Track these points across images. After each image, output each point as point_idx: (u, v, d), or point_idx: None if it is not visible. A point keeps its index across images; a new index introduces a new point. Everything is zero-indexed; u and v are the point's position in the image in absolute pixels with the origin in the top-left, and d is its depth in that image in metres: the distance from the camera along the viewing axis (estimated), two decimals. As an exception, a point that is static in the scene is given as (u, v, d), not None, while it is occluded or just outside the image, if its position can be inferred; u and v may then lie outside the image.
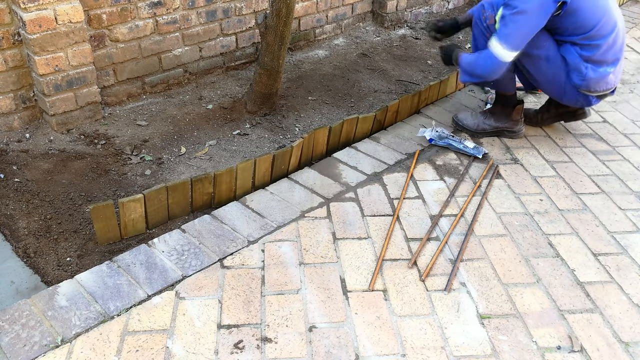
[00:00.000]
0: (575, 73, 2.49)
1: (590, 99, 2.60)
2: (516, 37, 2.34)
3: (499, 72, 2.48)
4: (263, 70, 2.83)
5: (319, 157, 2.63)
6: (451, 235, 2.15)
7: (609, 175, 2.58)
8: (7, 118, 2.68)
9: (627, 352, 1.71)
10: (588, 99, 2.59)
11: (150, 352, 1.63)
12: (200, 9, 3.10)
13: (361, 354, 1.66)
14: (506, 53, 2.38)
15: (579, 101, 2.62)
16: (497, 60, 2.41)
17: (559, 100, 2.69)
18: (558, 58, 2.50)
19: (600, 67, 2.47)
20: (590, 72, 2.46)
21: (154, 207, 2.11)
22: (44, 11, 2.43)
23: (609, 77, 2.49)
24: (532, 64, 2.55)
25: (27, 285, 1.93)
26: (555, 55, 2.50)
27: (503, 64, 2.43)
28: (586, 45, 2.42)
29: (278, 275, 1.91)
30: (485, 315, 1.81)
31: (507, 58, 2.40)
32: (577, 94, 2.57)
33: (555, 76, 2.55)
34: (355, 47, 3.91)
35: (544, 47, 2.48)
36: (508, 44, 2.35)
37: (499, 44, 2.37)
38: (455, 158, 2.64)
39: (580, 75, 2.48)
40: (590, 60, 2.45)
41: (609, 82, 2.52)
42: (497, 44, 2.38)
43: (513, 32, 2.33)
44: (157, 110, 3.00)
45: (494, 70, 2.46)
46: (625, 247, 2.14)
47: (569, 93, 2.58)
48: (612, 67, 2.48)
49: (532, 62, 2.54)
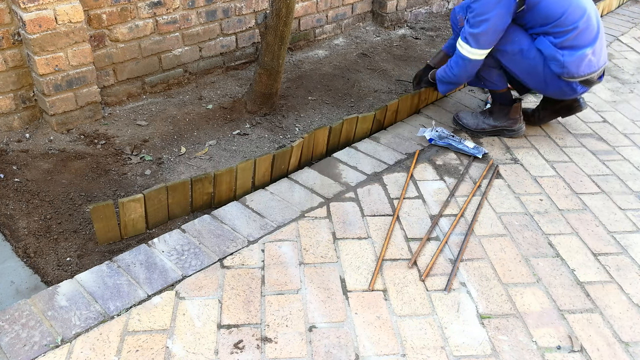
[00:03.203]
0: (553, 62, 2.49)
1: (575, 87, 2.57)
2: (480, 36, 2.45)
3: (469, 71, 2.59)
4: (263, 70, 2.83)
5: (319, 157, 2.63)
6: (451, 235, 2.15)
7: (609, 175, 2.58)
8: (7, 118, 2.68)
9: (627, 352, 1.71)
10: (572, 86, 2.56)
11: (150, 352, 1.63)
12: (200, 9, 3.10)
13: (361, 354, 1.66)
14: (473, 51, 2.49)
15: (563, 90, 2.60)
16: (464, 59, 2.54)
17: (544, 92, 2.70)
18: (533, 50, 2.52)
19: (577, 51, 2.45)
20: (567, 57, 2.45)
21: (154, 207, 2.11)
22: (43, 11, 2.43)
23: (588, 57, 2.47)
24: (509, 59, 2.58)
25: (27, 285, 1.93)
26: (529, 47, 2.52)
27: (471, 62, 2.54)
28: (558, 32, 2.43)
29: (278, 275, 1.91)
30: (485, 315, 1.81)
31: (474, 56, 2.51)
32: (560, 83, 2.56)
33: (533, 68, 2.56)
34: (355, 47, 3.91)
35: (516, 41, 2.52)
36: (473, 43, 2.47)
37: (464, 43, 2.51)
38: (455, 158, 2.64)
39: (558, 63, 2.47)
40: (564, 47, 2.45)
41: (592, 64, 2.50)
42: (462, 42, 2.52)
43: (476, 32, 2.44)
44: (157, 110, 3.00)
45: (465, 69, 2.58)
46: (625, 247, 2.14)
47: (551, 83, 2.58)
48: (589, 47, 2.46)
49: (509, 58, 2.57)
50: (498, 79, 2.71)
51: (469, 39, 2.48)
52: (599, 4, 4.50)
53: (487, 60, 2.61)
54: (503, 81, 2.73)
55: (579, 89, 2.58)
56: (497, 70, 2.67)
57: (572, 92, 2.60)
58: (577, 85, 2.56)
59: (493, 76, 2.69)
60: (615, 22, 4.59)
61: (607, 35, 4.26)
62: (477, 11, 2.42)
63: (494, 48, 2.55)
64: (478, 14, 2.42)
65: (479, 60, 2.55)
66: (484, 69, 2.66)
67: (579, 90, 2.60)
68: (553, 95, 2.69)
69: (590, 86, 2.62)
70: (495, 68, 2.66)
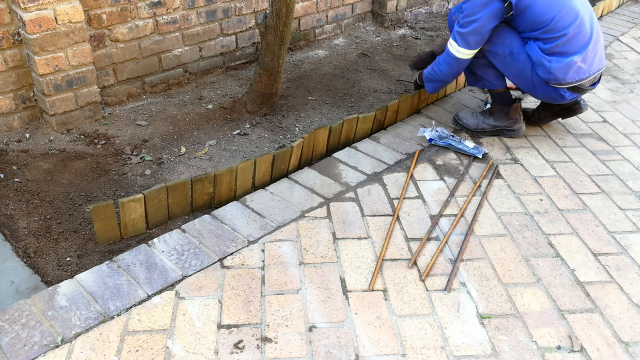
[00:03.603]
0: (540, 68, 2.49)
1: (562, 93, 2.56)
2: (467, 36, 2.50)
3: (456, 70, 2.64)
4: (263, 70, 2.83)
5: (319, 157, 2.63)
6: (451, 235, 2.15)
7: (609, 175, 2.58)
8: (7, 118, 2.68)
9: (627, 352, 1.71)
10: (559, 92, 2.56)
11: (150, 352, 1.63)
12: (200, 9, 3.10)
13: (361, 354, 1.66)
14: (461, 50, 2.54)
15: (551, 96, 2.60)
16: (452, 57, 2.60)
17: (533, 95, 2.70)
18: (522, 54, 2.53)
19: (566, 57, 2.44)
20: (554, 63, 2.45)
21: (154, 207, 2.11)
22: (43, 11, 2.43)
23: (577, 65, 2.46)
24: (499, 61, 2.61)
25: (27, 285, 1.93)
26: (519, 51, 2.53)
27: (458, 60, 2.59)
28: (547, 38, 2.44)
29: (278, 275, 1.91)
30: (485, 315, 1.81)
31: (461, 55, 2.56)
32: (547, 88, 2.56)
33: (522, 71, 2.57)
34: (355, 47, 3.91)
35: (506, 44, 2.54)
36: (461, 42, 2.53)
37: (454, 42, 2.56)
38: (455, 158, 2.64)
39: (544, 68, 2.47)
40: (552, 53, 2.45)
41: (580, 72, 2.48)
42: (452, 41, 2.58)
43: (464, 32, 2.50)
44: (157, 110, 3.00)
45: (451, 67, 2.63)
46: (625, 247, 2.14)
47: (539, 88, 2.58)
48: (578, 55, 2.44)
49: (499, 59, 2.60)
50: (495, 79, 2.72)
51: (457, 38, 2.53)
52: (599, 4, 4.49)
53: (481, 60, 2.65)
54: (501, 80, 2.73)
55: (567, 95, 2.57)
56: (493, 69, 2.68)
57: (560, 98, 2.60)
58: (564, 91, 2.55)
59: (490, 76, 2.71)
60: (615, 22, 4.58)
61: (607, 35, 4.26)
62: (466, 12, 2.48)
63: (485, 49, 2.58)
64: (467, 14, 2.47)
65: (466, 60, 2.59)
66: (481, 67, 2.68)
67: (568, 97, 2.59)
68: (542, 99, 2.71)
69: (582, 93, 2.61)
70: (491, 68, 2.68)
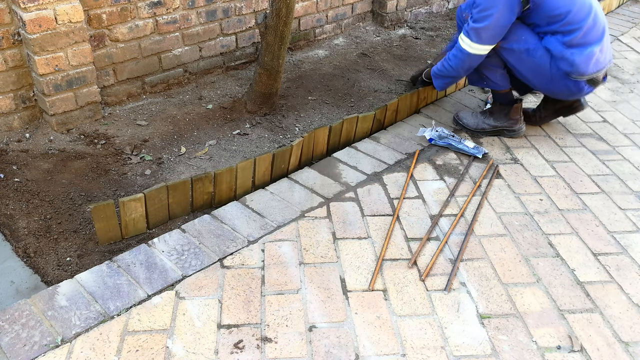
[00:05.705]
0: (562, 62, 2.49)
1: (582, 86, 2.58)
2: (482, 31, 2.47)
3: (468, 65, 2.62)
4: (263, 70, 2.83)
5: (319, 157, 2.63)
6: (451, 235, 2.15)
7: (609, 175, 2.58)
8: (7, 118, 2.67)
9: (627, 352, 1.71)
10: (579, 85, 2.57)
11: (150, 352, 1.63)
12: (200, 9, 3.10)
13: (361, 354, 1.66)
14: (474, 45, 2.52)
15: (570, 90, 2.60)
16: (464, 53, 2.57)
17: (549, 92, 2.70)
18: (540, 49, 2.53)
19: (586, 49, 2.47)
20: (576, 56, 2.47)
21: (155, 206, 2.11)
22: (43, 11, 2.43)
23: (597, 55, 2.50)
24: (515, 58, 2.59)
25: (27, 285, 1.93)
26: (535, 47, 2.53)
27: (470, 56, 2.56)
28: (566, 31, 2.45)
29: (278, 275, 1.91)
30: (485, 315, 1.81)
31: (474, 50, 2.54)
32: (567, 81, 2.56)
33: (539, 67, 2.57)
34: (355, 46, 3.91)
35: (523, 40, 2.53)
36: (475, 37, 2.50)
37: (466, 37, 2.53)
38: (455, 158, 2.64)
39: (567, 62, 2.48)
40: (573, 45, 2.46)
41: (599, 62, 2.52)
42: (464, 37, 2.55)
43: (479, 27, 2.47)
44: (157, 110, 3.00)
45: (463, 62, 2.60)
46: (625, 247, 2.14)
47: (558, 82, 2.58)
48: (596, 45, 2.48)
49: (515, 56, 2.58)
50: (501, 80, 2.71)
51: (470, 33, 2.51)
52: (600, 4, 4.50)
53: (492, 60, 2.62)
54: (506, 82, 2.73)
55: (585, 88, 2.60)
56: (502, 70, 2.68)
57: (579, 92, 2.61)
58: (584, 84, 2.57)
59: (497, 76, 2.70)
60: (615, 22, 4.58)
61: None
62: (482, 6, 2.45)
63: (500, 46, 2.56)
64: (483, 9, 2.45)
65: (479, 56, 2.56)
66: (489, 69, 2.66)
67: (586, 90, 2.61)
68: (559, 95, 2.69)
69: (596, 86, 2.63)
70: (500, 68, 2.66)
